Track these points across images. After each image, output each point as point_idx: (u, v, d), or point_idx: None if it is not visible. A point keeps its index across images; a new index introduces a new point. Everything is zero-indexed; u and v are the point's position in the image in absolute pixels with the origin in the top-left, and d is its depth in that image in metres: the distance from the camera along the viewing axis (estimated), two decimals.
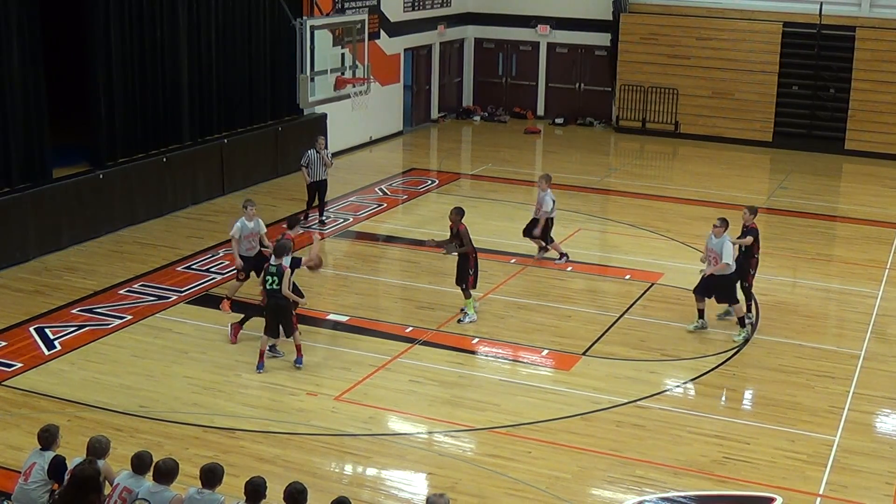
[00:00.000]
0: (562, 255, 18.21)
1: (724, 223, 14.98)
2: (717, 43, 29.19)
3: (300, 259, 14.20)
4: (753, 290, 15.78)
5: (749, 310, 15.63)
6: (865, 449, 12.12)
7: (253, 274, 15.35)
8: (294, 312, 13.90)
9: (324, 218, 20.27)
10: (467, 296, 15.58)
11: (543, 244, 18.16)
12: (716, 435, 12.35)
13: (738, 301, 15.10)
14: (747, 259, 15.47)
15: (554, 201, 17.87)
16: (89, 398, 12.80)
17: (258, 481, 8.77)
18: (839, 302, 17.32)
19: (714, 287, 15.06)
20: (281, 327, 13.78)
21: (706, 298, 15.23)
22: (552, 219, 17.96)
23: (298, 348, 13.94)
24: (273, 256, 13.85)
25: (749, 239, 15.41)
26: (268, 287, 13.64)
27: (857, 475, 11.53)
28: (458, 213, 15.55)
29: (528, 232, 18.15)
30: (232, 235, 15.56)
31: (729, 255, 14.79)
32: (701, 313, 15.29)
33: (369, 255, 18.81)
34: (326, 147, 20.20)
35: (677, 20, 29.72)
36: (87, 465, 8.85)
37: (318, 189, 19.96)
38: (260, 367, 13.74)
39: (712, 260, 14.97)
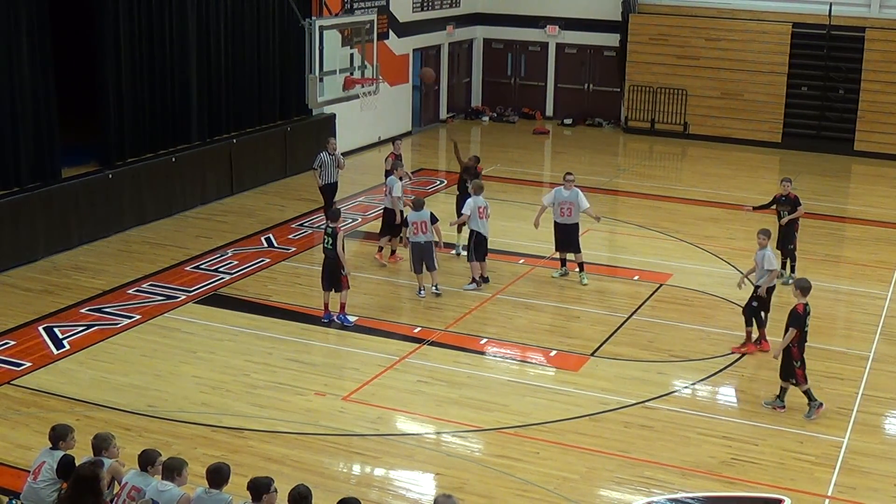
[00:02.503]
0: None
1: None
2: (727, 44, 29.15)
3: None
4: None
5: (784, 266, 16.96)
6: (874, 450, 12.09)
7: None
8: (343, 273, 15.16)
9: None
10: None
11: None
12: (724, 436, 12.33)
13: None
14: (791, 225, 16.96)
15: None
16: (98, 397, 12.83)
17: (263, 481, 8.73)
18: (848, 303, 17.28)
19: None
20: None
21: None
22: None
23: (343, 306, 15.31)
24: (329, 220, 15.49)
25: (802, 210, 16.98)
26: (325, 246, 15.31)
27: (866, 477, 11.50)
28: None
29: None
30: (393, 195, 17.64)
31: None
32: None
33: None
34: (337, 148, 20.13)
35: (686, 21, 29.69)
36: (87, 466, 8.87)
37: (331, 191, 19.88)
38: (326, 317, 15.41)
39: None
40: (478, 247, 16.90)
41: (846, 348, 15.12)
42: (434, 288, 16.59)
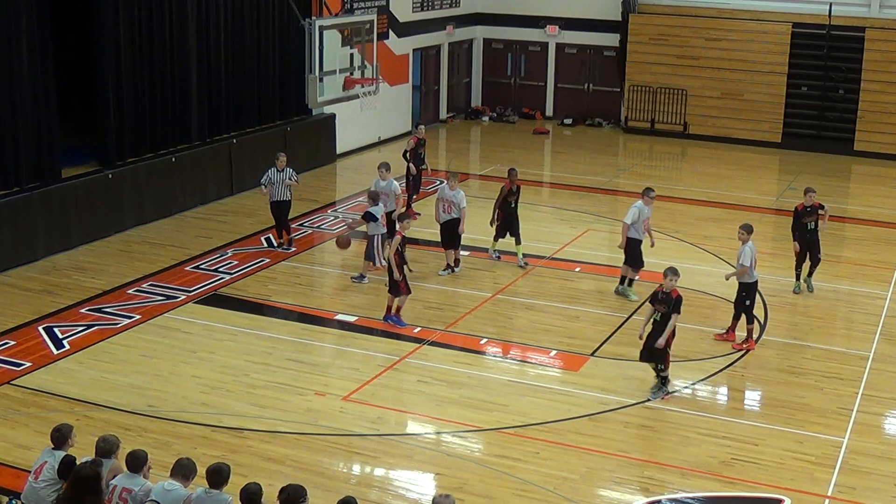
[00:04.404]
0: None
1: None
2: (726, 43, 29.16)
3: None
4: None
5: (810, 275, 17.20)
6: (874, 451, 12.09)
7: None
8: (396, 279, 15.11)
9: (286, 243, 18.74)
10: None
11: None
12: (724, 436, 12.33)
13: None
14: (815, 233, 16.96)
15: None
16: (98, 397, 12.83)
17: (253, 488, 8.68)
18: (848, 303, 17.28)
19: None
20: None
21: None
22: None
23: (397, 309, 15.32)
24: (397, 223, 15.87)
25: (828, 210, 17.18)
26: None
27: (866, 477, 11.50)
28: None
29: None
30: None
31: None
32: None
33: None
34: (289, 165, 18.57)
35: (686, 21, 29.69)
36: (86, 466, 8.86)
37: (280, 209, 18.53)
38: (387, 318, 15.36)
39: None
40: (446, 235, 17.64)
41: (846, 348, 15.13)
42: (361, 278, 17.11)
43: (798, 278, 17.22)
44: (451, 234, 17.57)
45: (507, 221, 17.89)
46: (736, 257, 15.07)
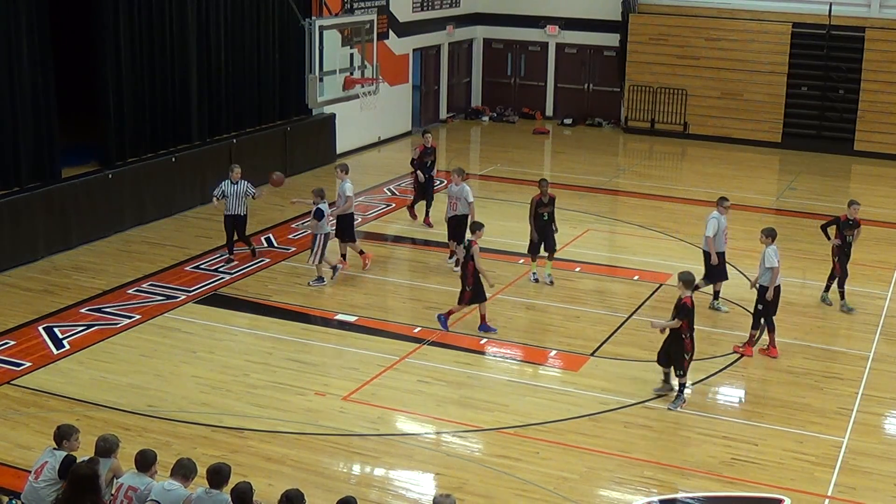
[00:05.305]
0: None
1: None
2: (726, 43, 29.16)
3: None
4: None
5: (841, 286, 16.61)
6: (874, 450, 12.09)
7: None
8: (467, 290, 15.06)
9: (255, 247, 18.13)
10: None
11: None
12: (724, 436, 12.33)
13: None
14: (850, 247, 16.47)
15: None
16: (98, 397, 12.83)
17: (243, 486, 8.70)
18: (848, 303, 17.26)
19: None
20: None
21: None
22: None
23: (483, 317, 15.19)
24: (469, 232, 15.39)
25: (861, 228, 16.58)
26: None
27: (866, 477, 11.50)
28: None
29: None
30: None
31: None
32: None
33: (378, 256, 18.78)
34: (244, 177, 17.64)
35: (686, 21, 29.69)
36: (84, 465, 8.87)
37: (234, 223, 17.65)
38: (481, 328, 15.23)
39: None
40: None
41: (846, 348, 15.13)
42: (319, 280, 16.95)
43: (828, 289, 16.76)
44: (457, 228, 17.73)
45: (540, 236, 17.20)
46: (760, 262, 14.71)
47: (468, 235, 15.61)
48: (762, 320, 14.66)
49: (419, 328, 15.30)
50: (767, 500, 11.09)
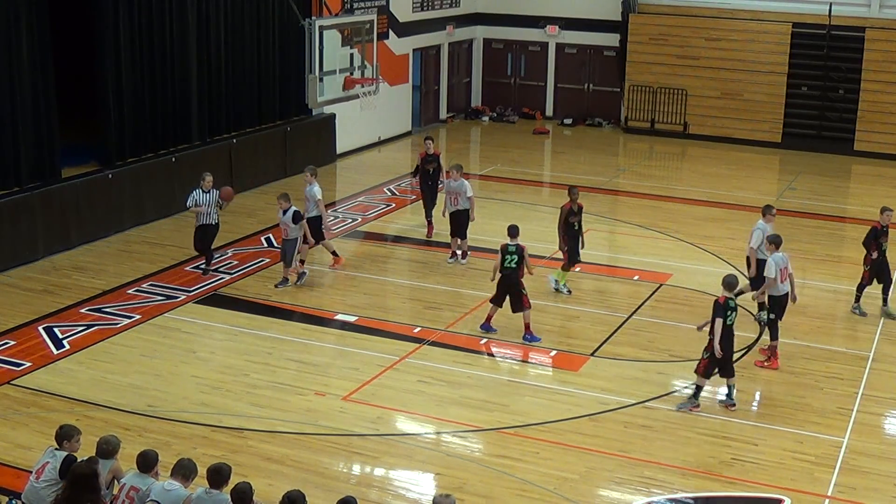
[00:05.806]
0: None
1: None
2: (726, 43, 29.15)
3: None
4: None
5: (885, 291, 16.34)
6: (874, 451, 12.09)
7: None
8: (523, 293, 14.86)
9: (209, 267, 17.43)
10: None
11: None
12: (724, 436, 12.33)
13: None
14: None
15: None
16: (98, 397, 12.82)
17: (243, 486, 8.70)
18: (848, 303, 17.19)
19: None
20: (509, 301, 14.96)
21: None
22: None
23: (527, 326, 14.86)
24: (511, 237, 15.01)
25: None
26: (505, 265, 14.81)
27: (866, 477, 11.50)
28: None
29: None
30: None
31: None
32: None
33: (378, 256, 18.81)
34: (216, 186, 17.32)
35: (686, 21, 29.69)
36: (83, 464, 8.87)
37: (205, 234, 17.24)
38: (484, 327, 15.13)
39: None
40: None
41: (846, 348, 15.13)
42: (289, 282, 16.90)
43: (858, 300, 16.40)
44: (457, 224, 17.87)
45: (573, 246, 16.72)
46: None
47: (510, 241, 14.91)
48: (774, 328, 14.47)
49: (419, 328, 15.30)
50: (767, 500, 11.08)
